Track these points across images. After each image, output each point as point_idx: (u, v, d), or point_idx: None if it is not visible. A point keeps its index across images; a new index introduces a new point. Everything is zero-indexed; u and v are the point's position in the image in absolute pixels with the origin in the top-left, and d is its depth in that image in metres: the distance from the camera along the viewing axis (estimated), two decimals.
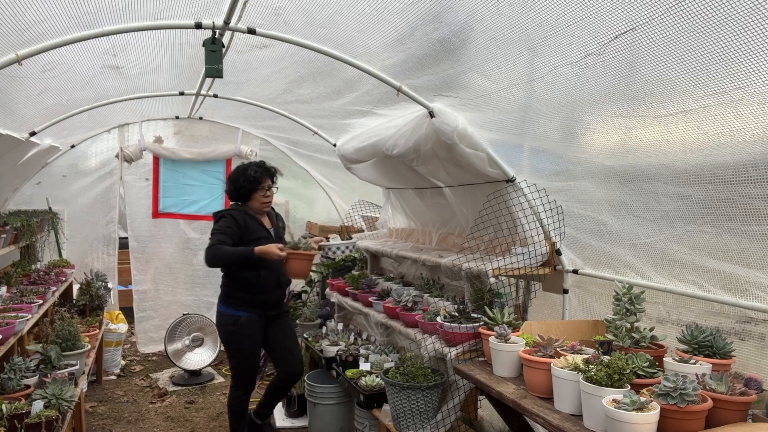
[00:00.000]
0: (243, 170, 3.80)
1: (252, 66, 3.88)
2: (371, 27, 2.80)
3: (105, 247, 6.40)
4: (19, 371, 3.19)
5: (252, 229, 3.73)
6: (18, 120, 3.98)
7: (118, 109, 5.13)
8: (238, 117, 6.03)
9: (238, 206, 3.82)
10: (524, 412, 2.25)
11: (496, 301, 3.19)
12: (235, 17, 2.87)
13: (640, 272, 2.69)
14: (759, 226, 2.06)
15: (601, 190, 2.76)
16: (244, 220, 3.71)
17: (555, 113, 2.69)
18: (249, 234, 3.69)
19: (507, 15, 2.20)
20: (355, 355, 4.21)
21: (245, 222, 3.71)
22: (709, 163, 2.14)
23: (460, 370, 2.79)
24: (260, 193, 3.80)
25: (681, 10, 1.72)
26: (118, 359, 6.07)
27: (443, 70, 2.88)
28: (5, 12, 2.43)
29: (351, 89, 3.72)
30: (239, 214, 3.73)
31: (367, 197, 5.69)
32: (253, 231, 3.72)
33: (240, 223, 3.68)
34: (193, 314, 6.13)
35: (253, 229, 3.73)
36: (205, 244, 3.70)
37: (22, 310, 3.60)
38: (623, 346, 2.33)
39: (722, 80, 1.86)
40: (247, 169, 3.79)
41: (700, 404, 1.80)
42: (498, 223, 3.24)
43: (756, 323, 2.27)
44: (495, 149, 3.20)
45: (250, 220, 3.75)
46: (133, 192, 6.47)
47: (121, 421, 4.80)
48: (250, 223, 3.74)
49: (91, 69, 3.70)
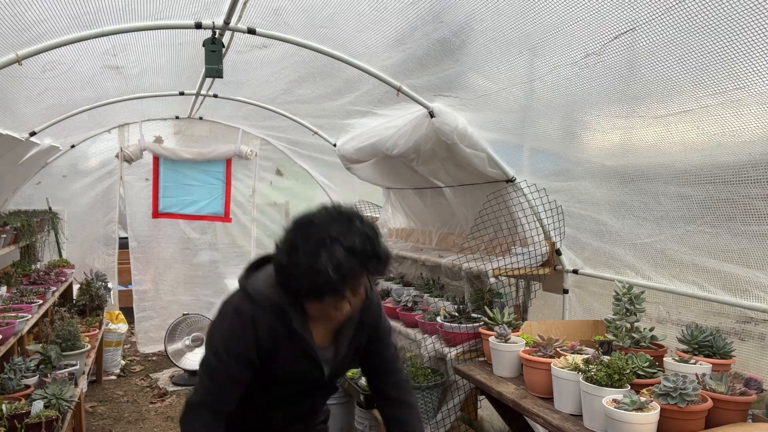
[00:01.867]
0: (321, 242, 1.58)
1: (252, 66, 3.88)
2: (371, 27, 2.80)
3: (105, 247, 6.39)
4: (19, 371, 3.19)
5: (287, 354, 1.76)
6: (18, 120, 3.98)
7: (118, 109, 5.12)
8: (238, 117, 6.03)
9: (278, 295, 1.72)
10: (524, 412, 2.25)
11: (496, 301, 3.19)
12: (235, 17, 2.87)
13: (640, 272, 2.69)
14: (759, 226, 2.06)
15: (601, 190, 2.76)
16: (275, 334, 1.73)
17: (555, 113, 2.69)
18: (277, 363, 1.77)
19: (507, 15, 2.20)
20: None
21: (275, 340, 1.74)
22: (709, 163, 2.14)
23: (460, 370, 2.79)
24: (336, 302, 1.68)
25: (681, 10, 1.72)
26: (118, 359, 6.07)
27: (443, 70, 2.88)
28: (5, 12, 2.43)
29: (351, 89, 3.72)
30: (269, 317, 1.72)
31: (367, 197, 5.68)
32: (286, 359, 1.77)
33: (262, 345, 1.73)
34: (193, 314, 6.12)
35: (288, 353, 1.76)
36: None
37: (22, 310, 3.60)
38: (623, 346, 2.33)
39: (722, 80, 1.86)
40: (327, 242, 1.58)
41: (700, 404, 1.80)
42: (498, 223, 3.24)
43: (756, 323, 2.27)
44: (495, 149, 3.20)
45: (293, 336, 1.75)
46: (133, 192, 6.47)
47: (121, 421, 4.80)
48: (288, 341, 1.75)
49: (91, 69, 3.69)
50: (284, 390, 1.85)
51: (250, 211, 6.77)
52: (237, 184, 6.71)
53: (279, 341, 1.74)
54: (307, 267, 1.57)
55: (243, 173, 6.71)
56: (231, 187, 6.67)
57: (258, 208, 6.77)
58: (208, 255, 6.73)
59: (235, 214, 6.73)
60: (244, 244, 6.80)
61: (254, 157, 6.64)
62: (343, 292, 1.64)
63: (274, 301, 1.72)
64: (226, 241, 6.78)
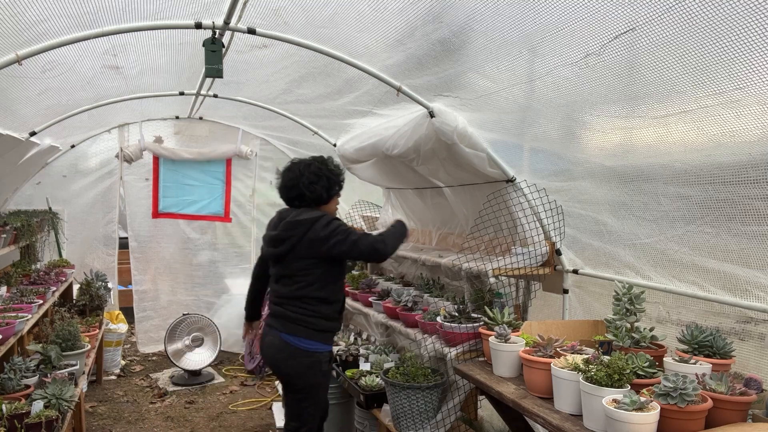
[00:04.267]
0: (325, 162, 3.09)
1: (252, 66, 3.88)
2: (371, 27, 2.80)
3: (105, 247, 6.40)
4: (19, 371, 3.19)
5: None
6: (18, 120, 3.98)
7: (118, 109, 5.13)
8: (238, 117, 6.03)
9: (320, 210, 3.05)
10: (524, 412, 2.25)
11: (496, 301, 3.19)
12: (235, 17, 2.87)
13: (640, 272, 2.69)
14: (759, 227, 2.06)
15: (601, 190, 2.76)
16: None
17: (555, 113, 2.69)
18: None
19: (507, 15, 2.20)
20: (355, 355, 4.21)
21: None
22: (709, 163, 2.14)
23: (460, 370, 2.79)
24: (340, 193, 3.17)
25: (681, 10, 1.72)
26: (118, 359, 6.07)
27: (443, 70, 2.88)
28: (5, 12, 2.43)
29: (351, 89, 3.72)
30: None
31: (367, 197, 5.68)
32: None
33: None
34: (193, 314, 6.13)
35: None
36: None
37: (22, 310, 3.60)
38: (623, 346, 2.33)
39: (722, 81, 1.86)
40: (328, 162, 3.10)
41: (700, 404, 1.80)
42: (498, 223, 3.24)
43: (756, 323, 2.27)
44: (495, 149, 3.20)
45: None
46: (133, 192, 6.47)
47: (121, 421, 4.80)
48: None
49: (91, 69, 3.69)
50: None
51: (250, 211, 6.77)
52: (237, 184, 6.71)
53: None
54: (334, 171, 3.08)
55: (243, 173, 6.71)
56: (231, 187, 6.68)
57: (258, 208, 6.77)
58: (208, 255, 6.74)
59: (235, 214, 6.73)
60: (244, 244, 6.81)
61: (254, 157, 6.64)
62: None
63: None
64: (226, 241, 6.78)
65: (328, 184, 3.04)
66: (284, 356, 2.97)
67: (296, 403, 3.08)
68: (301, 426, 3.07)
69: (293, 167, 3.08)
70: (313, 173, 3.01)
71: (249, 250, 6.78)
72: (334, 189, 3.08)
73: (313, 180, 3.00)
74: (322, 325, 2.99)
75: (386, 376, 3.33)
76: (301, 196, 3.02)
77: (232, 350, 6.57)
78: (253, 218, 6.76)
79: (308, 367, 2.97)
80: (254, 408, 5.11)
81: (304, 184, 3.00)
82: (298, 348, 2.94)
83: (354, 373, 3.95)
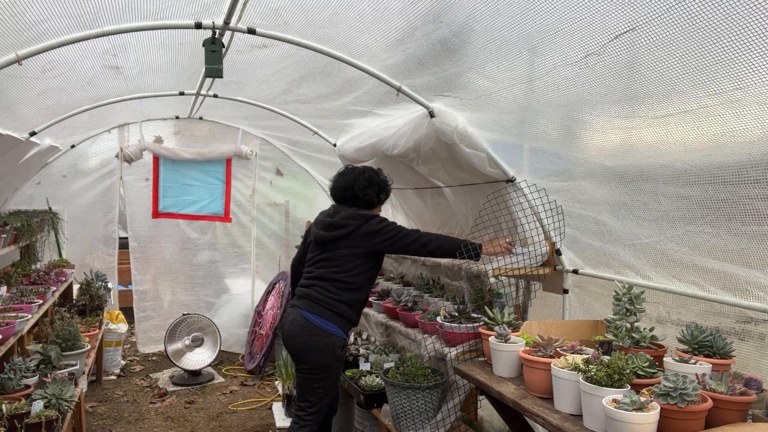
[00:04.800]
0: (377, 172, 3.40)
1: (252, 66, 3.88)
2: (371, 27, 2.80)
3: (105, 247, 6.40)
4: (19, 371, 3.19)
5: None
6: (18, 120, 3.98)
7: (118, 109, 5.13)
8: (238, 117, 6.03)
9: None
10: (524, 412, 2.25)
11: (496, 301, 3.20)
12: (235, 17, 2.87)
13: (640, 272, 2.69)
14: (759, 227, 2.06)
15: (601, 191, 2.76)
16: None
17: (555, 113, 2.68)
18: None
19: (507, 15, 2.20)
20: (355, 355, 4.21)
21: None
22: (709, 163, 2.14)
23: (460, 370, 2.79)
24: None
25: (681, 10, 1.72)
26: (118, 359, 6.07)
27: (443, 70, 2.88)
28: (5, 12, 2.43)
29: (351, 89, 3.72)
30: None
31: None
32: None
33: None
34: (193, 314, 6.13)
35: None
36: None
37: (22, 310, 3.60)
38: (623, 346, 2.33)
39: (722, 81, 1.86)
40: (379, 173, 3.40)
41: (700, 404, 1.80)
42: (498, 223, 3.24)
43: (756, 323, 2.27)
44: (495, 149, 3.20)
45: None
46: (133, 192, 6.47)
47: (121, 421, 4.80)
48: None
49: (91, 69, 3.69)
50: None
51: (250, 211, 6.77)
52: (237, 184, 6.71)
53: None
54: (384, 180, 3.35)
55: (243, 173, 6.71)
56: (231, 187, 6.68)
57: (258, 208, 6.78)
58: (208, 255, 6.74)
59: (235, 214, 6.73)
60: (244, 244, 6.81)
61: (254, 157, 6.64)
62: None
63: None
64: (226, 241, 6.78)
65: (379, 190, 3.34)
66: (302, 332, 3.16)
67: (307, 383, 3.19)
68: (309, 406, 3.18)
69: (348, 172, 3.39)
70: (366, 179, 3.31)
71: (249, 250, 6.79)
72: (382, 195, 3.37)
73: (366, 185, 3.30)
74: (341, 309, 3.18)
75: (386, 376, 3.33)
76: (355, 197, 3.30)
77: (232, 350, 6.57)
78: (253, 218, 6.76)
79: (323, 345, 3.14)
80: (254, 408, 5.11)
81: (358, 187, 3.29)
82: (317, 326, 3.14)
83: (354, 373, 3.95)
